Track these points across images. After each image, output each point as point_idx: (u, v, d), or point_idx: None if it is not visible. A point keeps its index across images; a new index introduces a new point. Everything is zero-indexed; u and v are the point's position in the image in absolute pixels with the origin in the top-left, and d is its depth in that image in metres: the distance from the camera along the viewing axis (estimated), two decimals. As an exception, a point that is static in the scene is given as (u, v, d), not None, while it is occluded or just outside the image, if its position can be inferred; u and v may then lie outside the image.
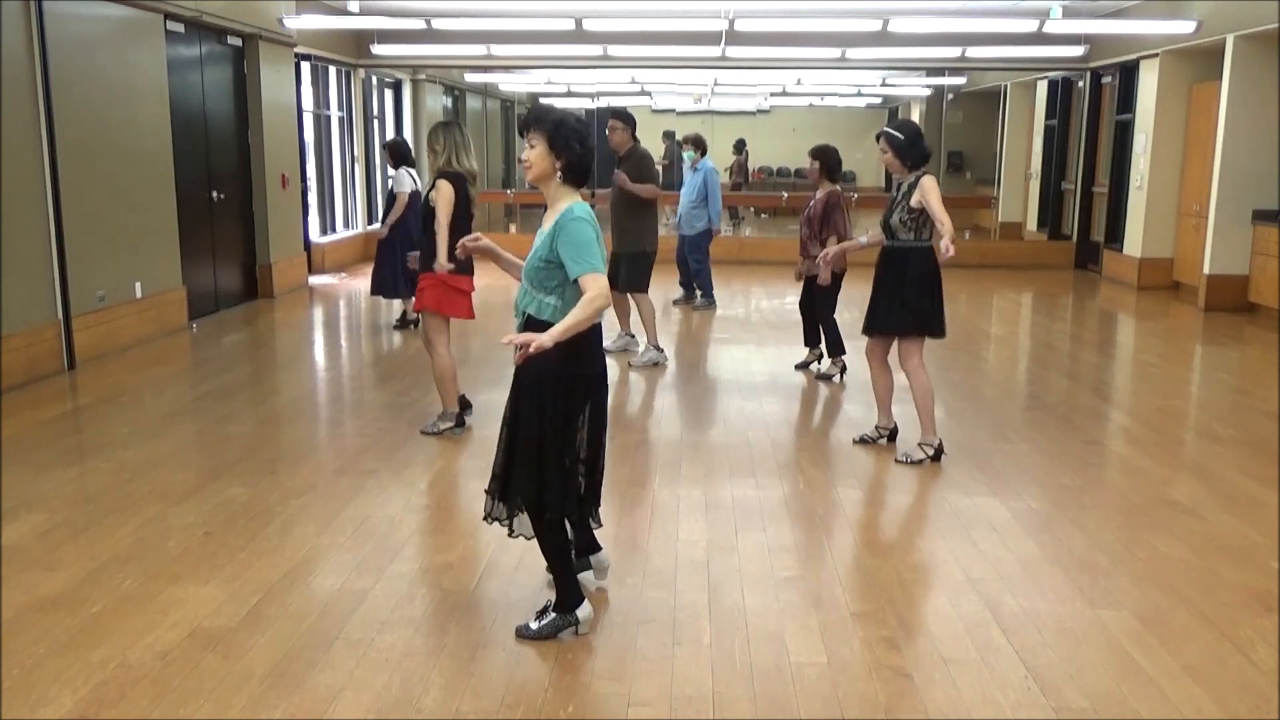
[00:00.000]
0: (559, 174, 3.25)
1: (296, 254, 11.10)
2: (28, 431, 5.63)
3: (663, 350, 7.54)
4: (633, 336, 7.76)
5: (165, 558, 3.93)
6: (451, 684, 3.04)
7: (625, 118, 7.35)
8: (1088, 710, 2.94)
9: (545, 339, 3.02)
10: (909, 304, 5.17)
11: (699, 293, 10.07)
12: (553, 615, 3.36)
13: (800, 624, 3.44)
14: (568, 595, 3.38)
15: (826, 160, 6.92)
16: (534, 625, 3.35)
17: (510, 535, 3.42)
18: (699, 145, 9.88)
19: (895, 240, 5.22)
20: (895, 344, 5.36)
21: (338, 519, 4.35)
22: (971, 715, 2.91)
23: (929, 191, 5.02)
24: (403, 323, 8.93)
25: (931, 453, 5.22)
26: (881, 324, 5.31)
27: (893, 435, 5.58)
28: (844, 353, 7.12)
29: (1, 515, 4.33)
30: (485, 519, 3.46)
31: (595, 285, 3.10)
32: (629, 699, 2.97)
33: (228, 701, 2.93)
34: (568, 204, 3.23)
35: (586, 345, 3.24)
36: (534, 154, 3.25)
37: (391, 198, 8.65)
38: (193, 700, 2.93)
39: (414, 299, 5.70)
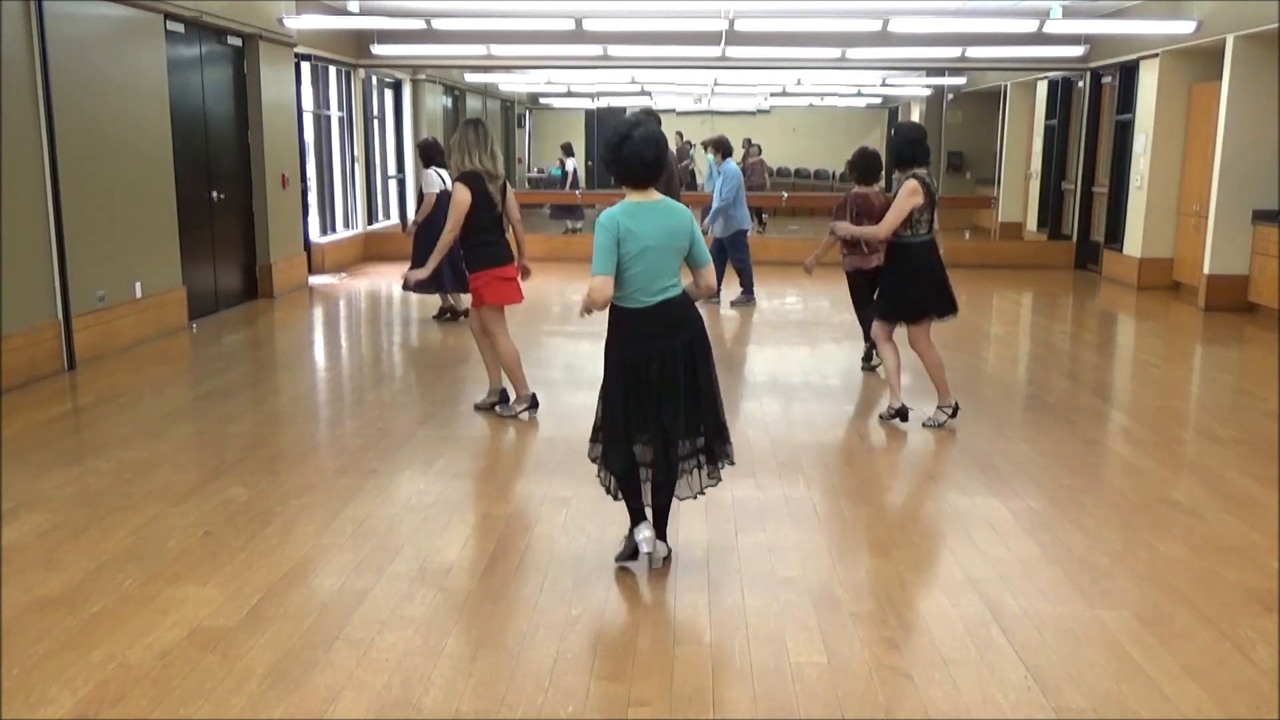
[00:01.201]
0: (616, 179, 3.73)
1: (296, 254, 11.09)
2: (28, 431, 5.63)
3: None
4: None
5: (165, 558, 3.93)
6: (451, 684, 3.04)
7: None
8: (1088, 710, 2.94)
9: None
10: (907, 295, 5.72)
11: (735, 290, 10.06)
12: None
13: (800, 624, 3.44)
14: (629, 517, 3.90)
15: (856, 163, 7.12)
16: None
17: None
18: (719, 148, 9.87)
19: (896, 236, 5.64)
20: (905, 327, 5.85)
21: (338, 519, 4.35)
22: (971, 715, 2.91)
23: (900, 192, 5.52)
24: (441, 314, 9.05)
25: (950, 412, 5.80)
26: (884, 313, 5.92)
27: (903, 415, 5.83)
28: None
29: (1, 515, 4.33)
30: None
31: (590, 283, 3.61)
32: (629, 699, 2.97)
33: (228, 701, 2.93)
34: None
35: (627, 328, 3.72)
36: None
37: (422, 197, 8.75)
38: (193, 700, 2.93)
39: (470, 297, 6.02)
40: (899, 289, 5.76)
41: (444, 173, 8.56)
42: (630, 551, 3.89)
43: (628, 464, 3.78)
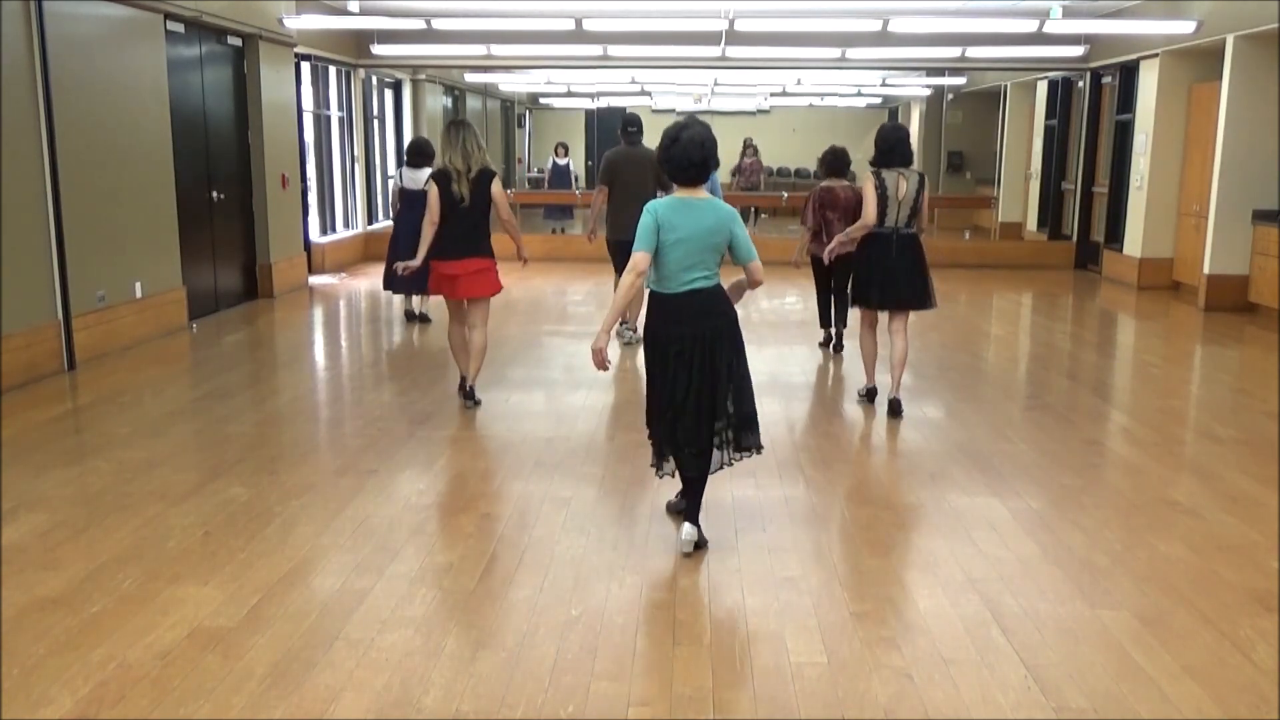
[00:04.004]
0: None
1: (296, 254, 11.09)
2: (28, 431, 5.63)
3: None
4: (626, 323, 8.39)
5: (165, 558, 3.93)
6: (451, 684, 3.04)
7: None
8: (1088, 710, 2.94)
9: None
10: (857, 282, 6.24)
11: None
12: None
13: (800, 624, 3.44)
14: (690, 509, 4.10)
15: (825, 159, 7.95)
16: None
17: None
18: None
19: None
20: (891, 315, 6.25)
21: (338, 519, 4.35)
22: (971, 715, 2.91)
23: (864, 186, 6.12)
24: (412, 317, 9.17)
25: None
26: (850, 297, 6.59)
27: (870, 395, 6.33)
28: (842, 325, 7.99)
29: (1, 515, 4.33)
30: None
31: (630, 260, 3.92)
32: (629, 699, 2.97)
33: (228, 701, 2.93)
34: None
35: (660, 312, 4.00)
36: None
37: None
38: (193, 700, 2.94)
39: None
40: (854, 275, 6.32)
41: (407, 171, 8.72)
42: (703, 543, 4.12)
43: (670, 439, 4.06)
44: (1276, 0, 8.64)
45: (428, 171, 8.73)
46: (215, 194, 9.51)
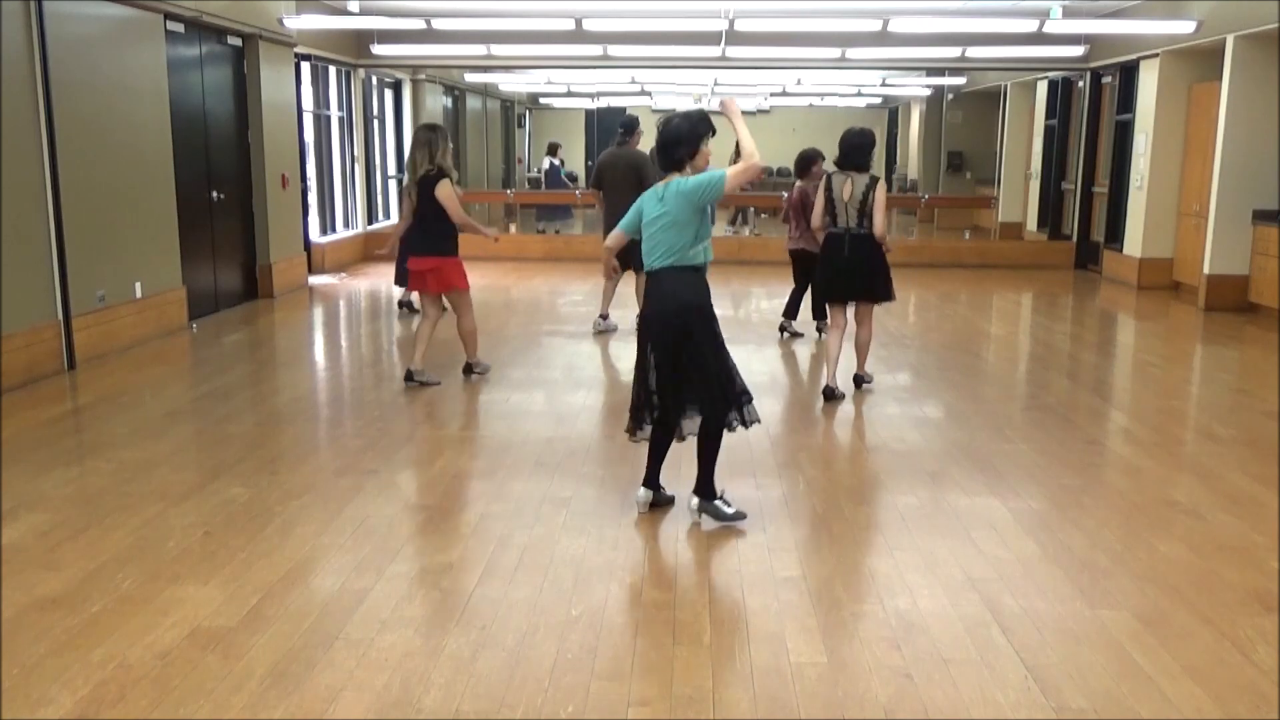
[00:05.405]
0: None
1: (296, 254, 11.09)
2: (28, 431, 5.63)
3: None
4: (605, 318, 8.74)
5: (165, 558, 3.93)
6: (451, 684, 3.04)
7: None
8: (1088, 710, 2.94)
9: None
10: (819, 278, 6.69)
11: None
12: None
13: (800, 624, 3.44)
14: (645, 472, 4.47)
15: (798, 161, 8.36)
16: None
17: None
18: None
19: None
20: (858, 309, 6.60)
21: (338, 519, 4.35)
22: (971, 715, 2.91)
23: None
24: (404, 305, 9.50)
25: (858, 382, 6.66)
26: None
27: (828, 394, 6.43)
28: (805, 318, 8.30)
29: (1, 515, 4.33)
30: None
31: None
32: (629, 699, 2.97)
33: (228, 701, 2.93)
34: None
35: (648, 293, 4.31)
36: None
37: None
38: (193, 700, 2.94)
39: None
40: (816, 271, 6.76)
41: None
42: (663, 501, 4.50)
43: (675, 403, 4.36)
44: (1276, 0, 8.64)
45: None
46: (215, 194, 9.51)
